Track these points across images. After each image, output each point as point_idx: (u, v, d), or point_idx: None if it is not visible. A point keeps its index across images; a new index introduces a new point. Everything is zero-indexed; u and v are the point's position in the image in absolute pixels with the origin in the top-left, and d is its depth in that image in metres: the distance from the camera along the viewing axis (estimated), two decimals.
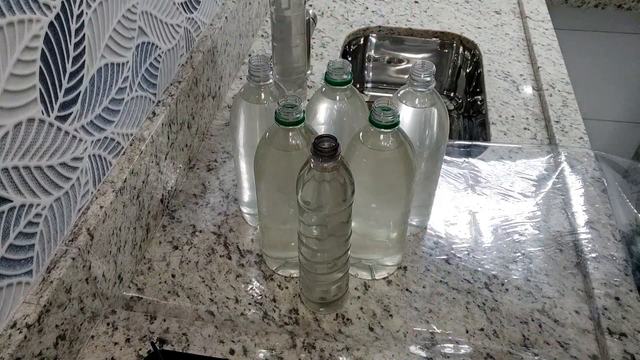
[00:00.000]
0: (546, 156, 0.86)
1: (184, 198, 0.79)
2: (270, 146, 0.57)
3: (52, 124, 0.53)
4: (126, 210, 0.65)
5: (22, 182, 0.50)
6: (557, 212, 0.77)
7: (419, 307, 0.65)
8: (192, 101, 0.83)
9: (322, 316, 0.64)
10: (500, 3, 1.29)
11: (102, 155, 0.63)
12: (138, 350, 0.61)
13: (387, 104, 0.55)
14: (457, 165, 0.85)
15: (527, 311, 0.65)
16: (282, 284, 0.68)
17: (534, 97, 0.99)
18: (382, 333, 0.63)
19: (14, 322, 0.51)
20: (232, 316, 0.64)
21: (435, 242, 0.73)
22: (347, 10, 1.26)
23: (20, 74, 0.47)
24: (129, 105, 0.67)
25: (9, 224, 0.49)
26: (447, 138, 0.65)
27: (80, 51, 0.55)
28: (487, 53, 1.11)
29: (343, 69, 0.61)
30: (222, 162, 0.86)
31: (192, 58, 0.83)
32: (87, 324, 0.61)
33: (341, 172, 0.51)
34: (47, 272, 0.54)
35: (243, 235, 0.74)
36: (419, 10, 1.25)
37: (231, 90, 1.01)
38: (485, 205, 0.78)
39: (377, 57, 1.26)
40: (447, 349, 0.61)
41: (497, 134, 0.91)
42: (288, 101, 0.55)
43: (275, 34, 0.89)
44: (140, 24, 0.67)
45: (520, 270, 0.69)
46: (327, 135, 0.50)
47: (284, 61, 0.91)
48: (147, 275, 0.69)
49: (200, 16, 0.86)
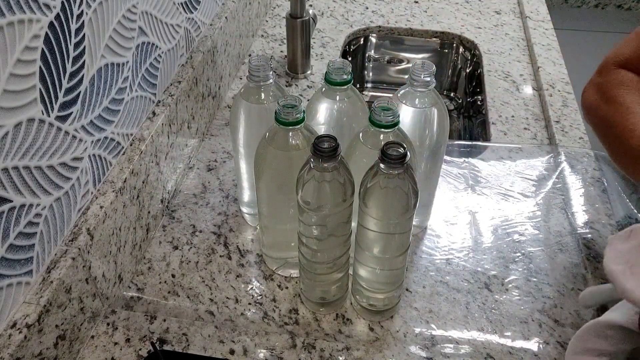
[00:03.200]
0: (546, 156, 0.86)
1: (184, 198, 0.79)
2: (270, 146, 0.57)
3: (52, 124, 0.53)
4: (126, 210, 0.65)
5: (22, 182, 0.50)
6: (557, 212, 0.77)
7: (419, 307, 0.65)
8: (192, 101, 0.83)
9: (322, 316, 0.64)
10: (500, 3, 1.29)
11: (102, 155, 0.63)
12: (138, 350, 0.61)
13: (387, 104, 0.55)
14: (457, 165, 0.85)
15: (527, 311, 0.65)
16: (282, 284, 0.68)
17: (534, 97, 0.99)
18: (382, 333, 0.63)
19: (14, 322, 0.51)
20: (232, 316, 0.64)
21: (435, 242, 0.73)
22: (347, 10, 1.26)
23: (20, 74, 0.47)
24: (129, 105, 0.67)
25: (9, 224, 0.49)
26: (447, 138, 0.65)
27: (80, 51, 0.55)
28: (487, 53, 1.11)
29: (343, 69, 0.61)
30: (222, 162, 0.86)
31: (192, 58, 0.83)
32: (87, 324, 0.61)
33: (341, 172, 0.51)
34: (47, 272, 0.54)
35: (243, 235, 0.74)
36: (419, 10, 1.25)
37: (231, 90, 1.01)
38: (485, 205, 0.78)
39: (377, 57, 1.26)
40: (447, 349, 0.61)
41: (497, 134, 0.91)
42: (288, 101, 0.55)
43: None
44: (140, 24, 0.67)
45: (520, 270, 0.69)
46: (327, 135, 0.50)
47: None
48: (147, 275, 0.69)
49: (200, 16, 0.86)
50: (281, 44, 1.13)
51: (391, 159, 0.48)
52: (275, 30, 1.18)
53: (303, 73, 1.05)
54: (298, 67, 1.04)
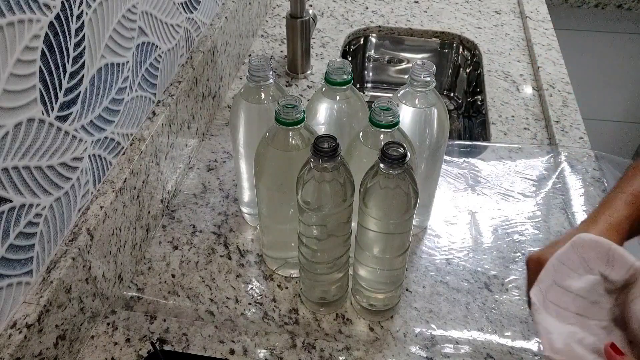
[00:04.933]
0: (546, 156, 0.86)
1: (184, 198, 0.79)
2: (270, 146, 0.57)
3: (52, 124, 0.53)
4: (126, 210, 0.65)
5: (22, 182, 0.50)
6: (557, 212, 0.77)
7: (419, 307, 0.65)
8: (192, 101, 0.83)
9: (322, 316, 0.64)
10: (500, 3, 1.29)
11: (102, 155, 0.63)
12: (138, 350, 0.61)
13: (387, 104, 0.55)
14: (457, 165, 0.85)
15: (527, 311, 0.65)
16: (282, 284, 0.68)
17: (534, 97, 0.99)
18: (382, 333, 0.63)
19: (14, 322, 0.51)
20: (232, 316, 0.64)
21: (435, 242, 0.73)
22: (347, 10, 1.26)
23: (20, 74, 0.47)
24: (129, 105, 0.67)
25: (9, 224, 0.49)
26: (447, 138, 0.65)
27: (80, 51, 0.55)
28: (487, 53, 1.11)
29: (343, 69, 0.61)
30: (222, 162, 0.86)
31: (192, 58, 0.83)
32: (87, 324, 0.61)
33: (341, 172, 0.51)
34: (47, 272, 0.54)
35: (243, 235, 0.74)
36: (419, 10, 1.25)
37: (231, 90, 1.01)
38: (485, 205, 0.78)
39: (377, 57, 1.26)
40: (447, 349, 0.61)
41: (497, 134, 0.91)
42: (288, 101, 0.55)
43: None
44: (140, 24, 0.67)
45: (520, 270, 0.69)
46: (327, 135, 0.50)
47: None
48: (147, 275, 0.69)
49: (200, 16, 0.86)
50: (281, 44, 1.13)
51: (391, 159, 0.48)
52: (275, 30, 1.18)
53: (303, 73, 1.05)
54: (298, 67, 1.04)
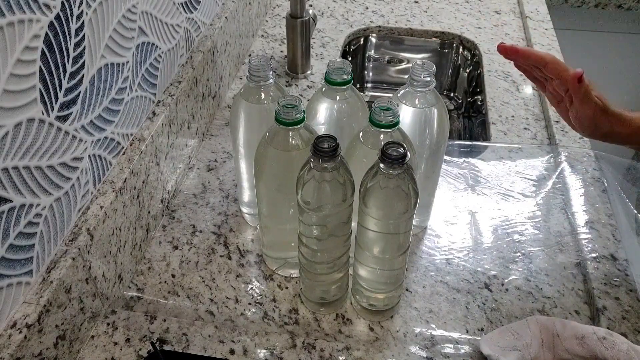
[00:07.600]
0: (546, 156, 0.86)
1: (184, 198, 0.79)
2: (270, 146, 0.57)
3: (52, 124, 0.53)
4: (126, 210, 0.65)
5: (22, 182, 0.50)
6: (557, 212, 0.77)
7: (419, 307, 0.65)
8: (192, 101, 0.83)
9: (322, 316, 0.64)
10: (500, 3, 1.29)
11: (102, 155, 0.63)
12: (138, 350, 0.61)
13: (387, 104, 0.55)
14: (457, 165, 0.85)
15: (527, 311, 0.65)
16: (282, 284, 0.68)
17: (534, 97, 0.99)
18: (382, 333, 0.63)
19: (14, 322, 0.51)
20: (232, 316, 0.64)
21: (435, 242, 0.73)
22: (347, 10, 1.26)
23: (20, 74, 0.47)
24: (129, 105, 0.67)
25: (9, 224, 0.49)
26: (447, 138, 0.65)
27: (80, 51, 0.55)
28: (487, 53, 1.11)
29: (343, 69, 0.61)
30: (222, 162, 0.86)
31: (192, 58, 0.83)
32: (87, 324, 0.61)
33: (341, 172, 0.51)
34: (47, 272, 0.54)
35: (243, 235, 0.74)
36: (419, 10, 1.25)
37: (231, 90, 1.01)
38: (485, 205, 0.78)
39: (377, 57, 1.26)
40: (447, 349, 0.61)
41: (497, 134, 0.91)
42: (288, 101, 0.55)
43: None
44: (140, 24, 0.67)
45: (520, 270, 0.69)
46: (327, 135, 0.50)
47: None
48: (147, 275, 0.69)
49: (200, 16, 0.86)
50: (281, 44, 1.13)
51: (391, 159, 0.48)
52: (275, 30, 1.18)
53: (303, 73, 1.05)
54: (298, 67, 1.04)
